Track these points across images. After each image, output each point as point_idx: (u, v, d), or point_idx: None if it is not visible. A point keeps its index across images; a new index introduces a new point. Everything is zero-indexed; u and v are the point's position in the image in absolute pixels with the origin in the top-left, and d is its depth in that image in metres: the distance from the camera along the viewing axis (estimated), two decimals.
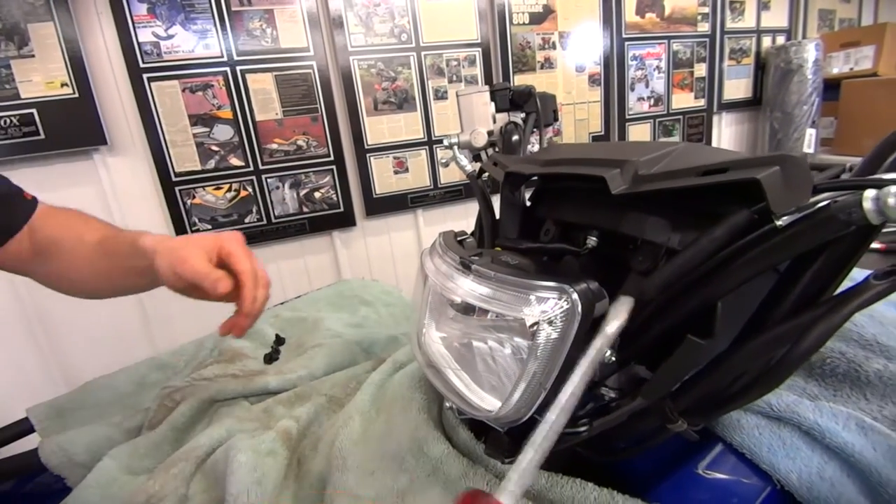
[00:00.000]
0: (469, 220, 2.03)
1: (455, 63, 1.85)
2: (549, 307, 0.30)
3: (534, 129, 0.67)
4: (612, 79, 2.11)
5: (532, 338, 0.30)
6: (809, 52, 2.19)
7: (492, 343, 0.35)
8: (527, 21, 1.91)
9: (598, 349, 0.28)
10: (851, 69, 2.26)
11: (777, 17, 2.42)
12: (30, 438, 0.69)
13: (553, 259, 0.44)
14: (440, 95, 1.85)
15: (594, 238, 0.40)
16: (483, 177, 0.64)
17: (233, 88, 1.58)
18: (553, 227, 0.46)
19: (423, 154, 1.89)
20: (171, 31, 1.49)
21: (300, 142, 1.71)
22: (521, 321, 0.31)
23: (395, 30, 1.74)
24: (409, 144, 1.86)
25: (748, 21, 2.35)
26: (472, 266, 0.36)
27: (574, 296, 0.29)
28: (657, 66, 2.19)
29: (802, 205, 0.26)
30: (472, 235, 0.56)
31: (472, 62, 1.87)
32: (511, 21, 1.89)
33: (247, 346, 0.84)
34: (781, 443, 0.39)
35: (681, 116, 2.31)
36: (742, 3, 2.30)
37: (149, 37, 1.47)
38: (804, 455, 0.38)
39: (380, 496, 0.43)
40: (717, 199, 0.30)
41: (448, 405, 0.49)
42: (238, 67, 1.58)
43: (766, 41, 2.41)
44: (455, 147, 0.68)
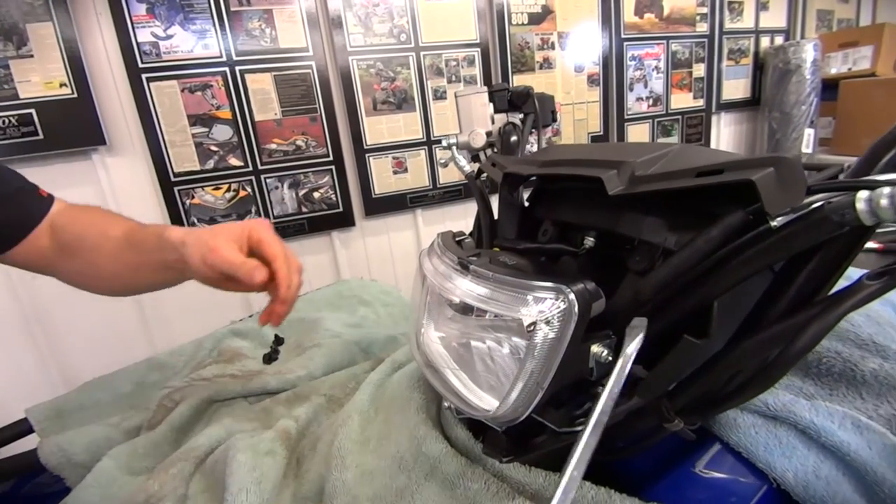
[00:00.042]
0: (468, 220, 2.03)
1: (454, 63, 1.85)
2: (547, 307, 0.30)
3: (532, 130, 0.67)
4: (611, 79, 2.12)
5: (529, 338, 0.30)
6: (808, 53, 2.19)
7: (490, 343, 0.35)
8: (526, 21, 1.91)
9: (621, 367, 0.30)
10: (850, 69, 2.26)
11: (775, 18, 2.42)
12: (29, 439, 0.69)
13: (551, 259, 0.44)
14: (439, 95, 1.85)
15: (592, 238, 0.40)
16: (481, 177, 0.64)
17: (232, 88, 1.58)
18: (551, 228, 0.46)
19: (423, 154, 1.89)
20: (170, 32, 1.49)
21: (299, 142, 1.71)
22: (519, 321, 0.31)
23: (394, 30, 1.74)
24: (408, 144, 1.86)
25: (747, 21, 2.35)
26: (470, 266, 0.36)
27: (571, 296, 0.29)
28: (656, 67, 2.19)
29: (797, 206, 0.26)
30: (471, 236, 0.56)
31: (471, 62, 1.87)
32: (510, 21, 1.89)
33: (246, 347, 0.84)
34: (778, 442, 0.39)
35: (679, 116, 2.31)
36: (741, 4, 2.31)
37: (148, 37, 1.47)
38: (800, 454, 0.38)
39: (378, 495, 0.43)
40: (713, 200, 0.31)
41: (446, 405, 0.49)
42: (237, 67, 1.58)
43: (765, 41, 2.42)
44: (454, 148, 0.69)
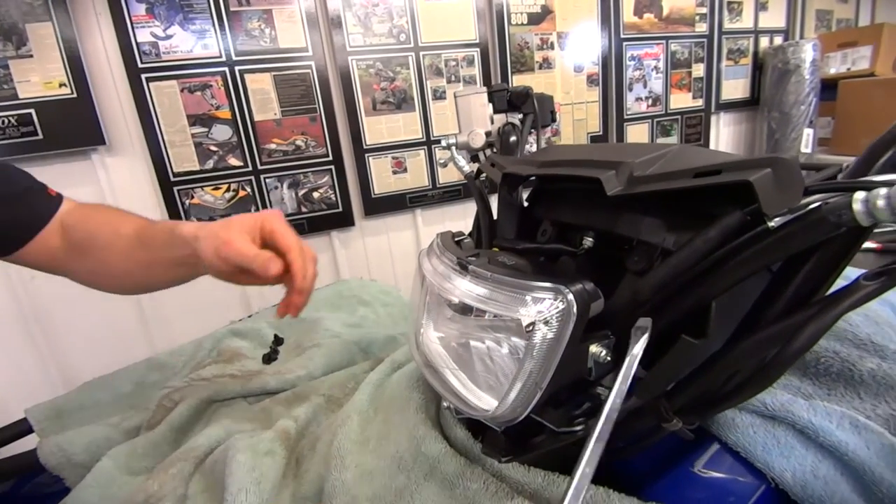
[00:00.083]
0: (467, 220, 2.03)
1: (453, 63, 1.85)
2: (545, 307, 0.30)
3: (531, 130, 0.67)
4: (611, 79, 2.12)
5: (528, 338, 0.30)
6: (807, 53, 2.19)
7: (489, 343, 0.35)
8: (525, 21, 1.91)
9: (629, 365, 0.30)
10: (848, 69, 2.26)
11: (774, 18, 2.42)
12: (28, 439, 0.69)
13: (550, 259, 0.44)
14: (439, 95, 1.85)
15: (590, 239, 0.41)
16: (481, 177, 0.64)
17: (231, 88, 1.58)
18: (550, 228, 0.46)
19: (422, 154, 1.89)
20: (170, 32, 1.49)
21: (299, 142, 1.71)
22: (518, 321, 0.31)
23: (394, 30, 1.74)
24: (408, 144, 1.86)
25: (746, 21, 2.35)
26: (469, 267, 0.36)
27: (570, 296, 0.29)
28: (655, 67, 2.19)
29: (794, 206, 0.26)
30: (470, 236, 0.56)
31: (471, 62, 1.87)
32: (509, 21, 1.89)
33: (245, 347, 0.84)
34: (776, 441, 0.39)
35: (679, 116, 2.31)
36: (740, 4, 2.31)
37: (147, 37, 1.47)
38: (798, 454, 0.38)
39: (377, 495, 0.43)
40: (712, 201, 0.31)
41: (445, 405, 0.49)
42: (237, 67, 1.58)
43: (764, 41, 2.42)
44: (453, 148, 0.69)
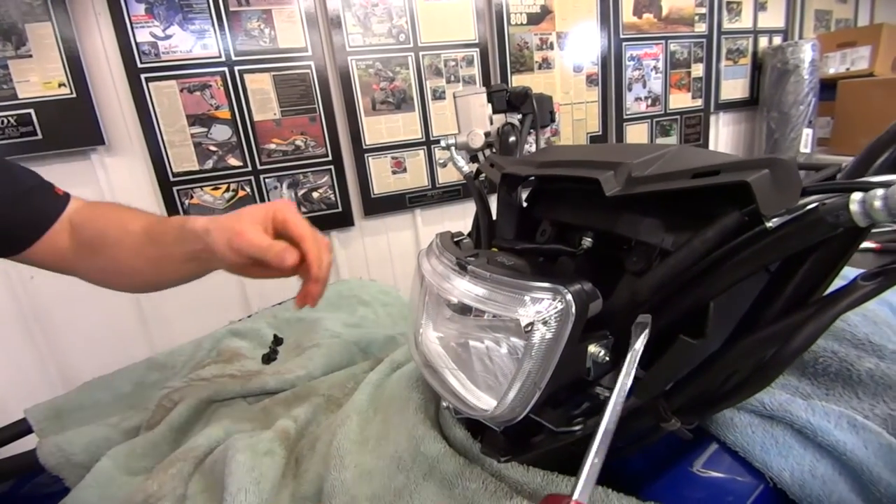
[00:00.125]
0: (467, 220, 2.03)
1: (453, 63, 1.85)
2: (544, 307, 0.30)
3: (530, 130, 0.67)
4: (610, 79, 2.12)
5: (527, 338, 0.30)
6: (806, 53, 2.20)
7: (488, 343, 0.35)
8: (525, 21, 1.91)
9: (631, 360, 0.30)
10: (848, 69, 2.27)
11: (774, 18, 2.42)
12: (28, 439, 0.69)
13: (549, 259, 0.44)
14: (438, 95, 1.85)
15: (589, 239, 0.41)
16: (480, 178, 0.64)
17: (231, 88, 1.58)
18: (549, 228, 0.46)
19: (422, 154, 1.89)
20: (169, 32, 1.49)
21: (298, 142, 1.71)
22: (517, 321, 0.31)
23: (393, 30, 1.74)
24: (407, 144, 1.86)
25: (745, 21, 2.35)
26: (468, 267, 0.36)
27: (568, 296, 0.30)
28: (654, 67, 2.19)
29: (792, 207, 0.26)
30: (470, 236, 0.56)
31: (470, 62, 1.87)
32: (509, 21, 1.89)
33: (244, 347, 0.84)
34: (774, 441, 0.39)
35: (678, 116, 2.32)
36: (739, 4, 2.31)
37: (147, 37, 1.47)
38: (796, 453, 0.38)
39: (377, 495, 0.43)
40: (710, 201, 0.31)
41: (445, 405, 0.49)
42: (236, 67, 1.58)
43: (763, 41, 2.42)
44: (452, 148, 0.69)
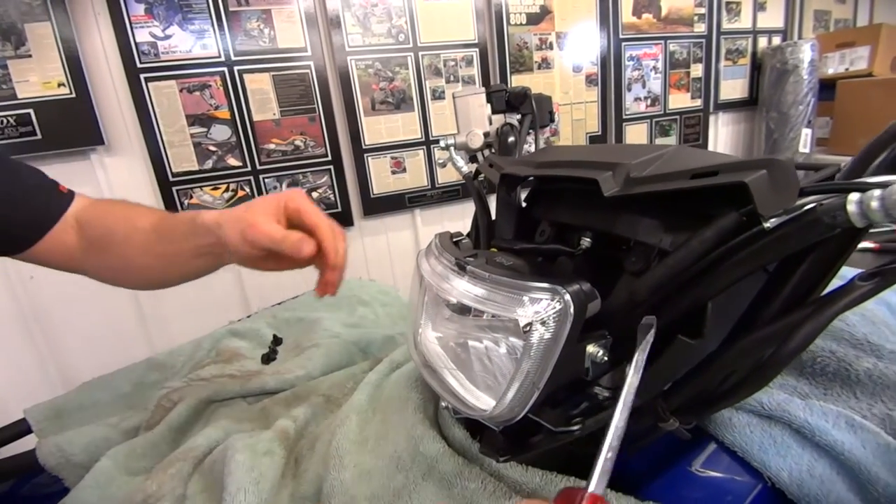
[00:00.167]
0: (466, 220, 2.03)
1: (452, 63, 1.85)
2: (542, 308, 0.30)
3: (530, 131, 0.67)
4: (609, 79, 2.12)
5: (525, 338, 0.30)
6: (805, 53, 2.20)
7: (487, 343, 0.35)
8: (524, 21, 1.91)
9: (638, 361, 0.30)
10: (847, 69, 2.27)
11: (773, 18, 2.43)
12: (28, 439, 0.69)
13: (548, 260, 0.44)
14: (437, 95, 1.85)
15: (588, 239, 0.41)
16: (479, 178, 0.64)
17: (230, 88, 1.58)
18: (548, 228, 0.46)
19: (421, 154, 1.89)
20: (169, 32, 1.49)
21: (298, 142, 1.71)
22: (515, 321, 0.31)
23: (393, 30, 1.74)
24: (407, 144, 1.86)
25: (744, 22, 2.36)
26: (467, 267, 0.36)
27: (566, 297, 0.30)
28: (654, 67, 2.19)
29: (789, 207, 0.26)
30: (469, 236, 0.57)
31: (470, 62, 1.87)
32: (508, 21, 1.89)
33: (244, 347, 0.85)
34: (772, 441, 0.39)
35: (677, 116, 2.32)
36: (738, 4, 2.31)
37: (146, 37, 1.47)
38: (795, 453, 0.38)
39: (376, 495, 0.43)
40: (708, 202, 0.31)
41: (444, 404, 0.49)
42: (235, 67, 1.57)
43: (762, 42, 2.42)
44: (451, 148, 0.69)
